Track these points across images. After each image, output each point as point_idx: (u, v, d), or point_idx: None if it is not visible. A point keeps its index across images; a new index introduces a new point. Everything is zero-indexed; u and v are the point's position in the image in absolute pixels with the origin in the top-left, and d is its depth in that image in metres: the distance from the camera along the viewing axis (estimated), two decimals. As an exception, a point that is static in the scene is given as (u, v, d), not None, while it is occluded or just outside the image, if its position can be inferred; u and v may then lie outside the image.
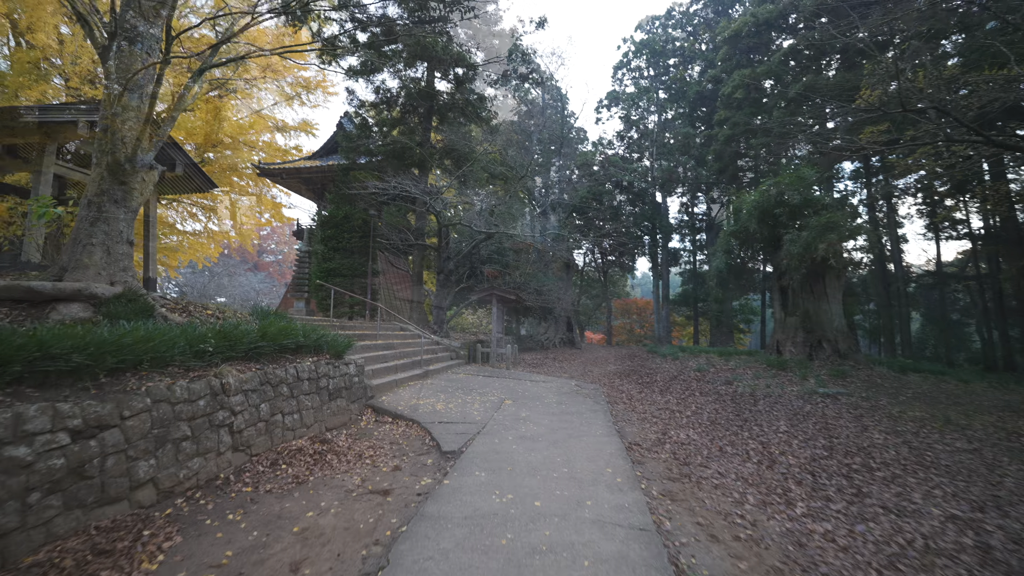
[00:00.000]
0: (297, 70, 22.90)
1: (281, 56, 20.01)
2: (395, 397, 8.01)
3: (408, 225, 14.98)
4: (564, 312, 27.27)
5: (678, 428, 7.46)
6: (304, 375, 5.87)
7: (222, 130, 19.22)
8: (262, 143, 22.88)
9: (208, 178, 9.39)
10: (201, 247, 23.01)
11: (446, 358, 13.19)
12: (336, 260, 14.97)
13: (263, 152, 23.13)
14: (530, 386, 10.68)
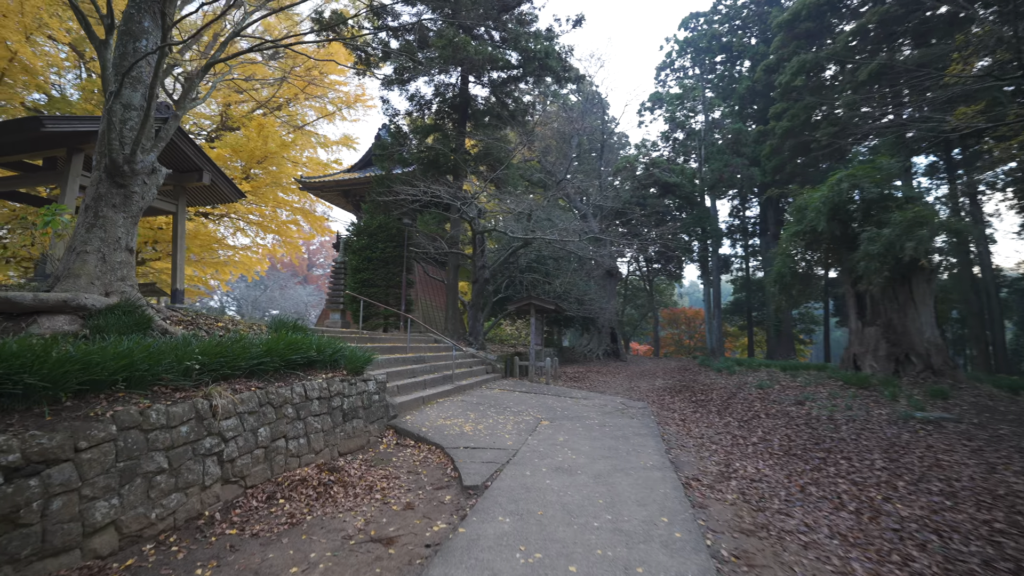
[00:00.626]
0: (337, 85, 23.35)
1: (290, 48, 20.29)
2: (421, 416, 7.34)
3: (443, 233, 14.52)
4: (608, 322, 26.04)
5: (744, 458, 6.33)
6: (314, 394, 5.29)
7: (266, 147, 19.66)
8: (305, 158, 23.42)
9: (235, 187, 9.23)
10: (251, 261, 23.67)
11: (481, 372, 12.48)
12: (369, 271, 14.69)
13: (306, 167, 23.66)
14: (570, 404, 9.74)
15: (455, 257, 15.31)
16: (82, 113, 17.54)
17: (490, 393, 10.23)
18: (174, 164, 8.48)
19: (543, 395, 10.70)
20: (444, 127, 15.68)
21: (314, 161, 24.33)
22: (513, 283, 21.11)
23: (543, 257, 20.66)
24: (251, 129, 19.04)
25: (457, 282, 15.42)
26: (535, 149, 28.08)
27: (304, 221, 23.92)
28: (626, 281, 44.57)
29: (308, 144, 24.73)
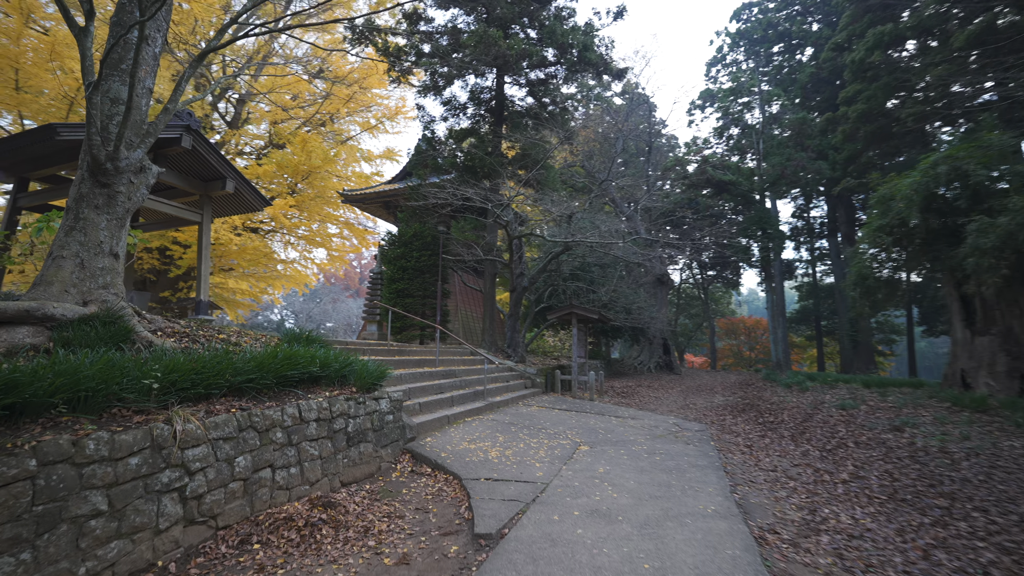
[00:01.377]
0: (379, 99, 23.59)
1: (292, 36, 20.41)
2: (443, 438, 6.56)
3: (479, 241, 13.90)
4: (659, 333, 24.42)
5: (834, 501, 5.04)
6: (310, 415, 4.63)
7: (310, 162, 20.02)
8: (349, 172, 23.78)
9: (261, 195, 9.00)
10: (301, 275, 24.21)
11: (518, 387, 11.60)
12: (405, 280, 14.28)
13: (351, 181, 24.02)
14: (615, 424, 8.63)
15: (492, 265, 14.62)
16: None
17: (526, 411, 9.31)
18: (199, 173, 8.35)
19: (585, 413, 9.65)
20: (479, 131, 15.15)
21: (358, 175, 24.67)
22: (556, 292, 20.14)
23: (587, 264, 19.58)
24: (296, 145, 19.45)
25: (494, 291, 14.71)
26: (577, 153, 27.16)
27: (349, 234, 24.26)
28: (678, 289, 42.28)
29: (352, 158, 25.14)
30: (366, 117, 24.53)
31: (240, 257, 20.59)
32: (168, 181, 8.04)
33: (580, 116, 34.45)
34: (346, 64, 21.51)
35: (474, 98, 15.21)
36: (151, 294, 22.03)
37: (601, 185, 14.86)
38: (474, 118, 15.14)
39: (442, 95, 15.54)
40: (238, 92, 21.56)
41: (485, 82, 15.68)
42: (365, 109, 23.06)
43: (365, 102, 22.30)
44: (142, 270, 20.70)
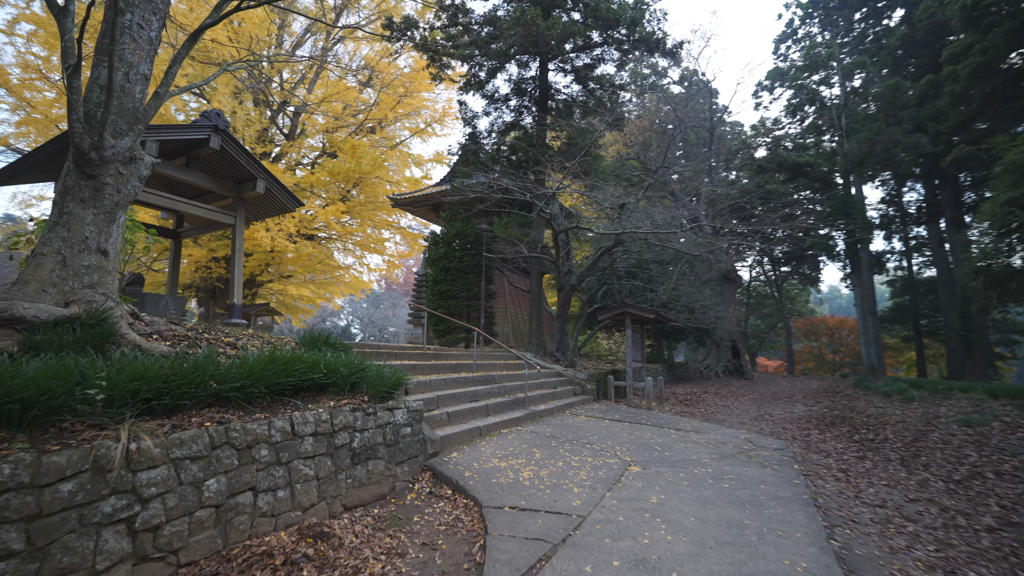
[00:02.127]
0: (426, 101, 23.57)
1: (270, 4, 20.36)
2: (471, 454, 5.80)
3: (522, 238, 13.14)
4: (727, 334, 22.39)
5: (981, 559, 3.71)
6: (305, 429, 4.04)
7: (360, 168, 20.26)
8: (398, 178, 23.97)
9: (292, 195, 8.78)
10: (358, 281, 24.72)
11: (566, 394, 10.65)
12: (448, 282, 13.80)
13: (403, 185, 24.21)
14: (674, 439, 7.47)
15: (538, 263, 13.77)
16: None
17: (571, 422, 8.36)
18: (231, 175, 8.25)
19: (640, 425, 8.53)
20: (522, 123, 14.40)
21: (408, 179, 24.83)
22: (611, 292, 18.91)
23: (644, 262, 18.20)
24: (346, 152, 19.75)
25: (541, 291, 13.84)
26: (631, 144, 25.68)
27: (400, 238, 24.43)
28: (748, 287, 39.09)
29: (403, 163, 25.37)
30: (415, 122, 24.64)
31: (296, 264, 21.19)
32: (203, 184, 7.98)
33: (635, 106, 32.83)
34: (394, 71, 21.68)
35: (517, 89, 14.49)
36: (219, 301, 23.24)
37: (657, 173, 13.57)
38: (517, 111, 14.42)
39: (484, 90, 14.97)
40: (294, 105, 22.34)
41: (528, 72, 14.92)
42: (414, 114, 23.14)
43: (413, 106, 22.34)
44: (211, 279, 21.91)
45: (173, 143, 7.21)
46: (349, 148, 19.47)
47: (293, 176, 21.09)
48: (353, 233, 24.01)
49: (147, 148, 6.71)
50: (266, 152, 21.32)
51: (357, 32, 24.94)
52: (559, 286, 12.91)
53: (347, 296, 34.20)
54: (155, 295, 7.58)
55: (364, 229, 23.38)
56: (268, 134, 21.76)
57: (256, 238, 17.23)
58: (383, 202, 23.25)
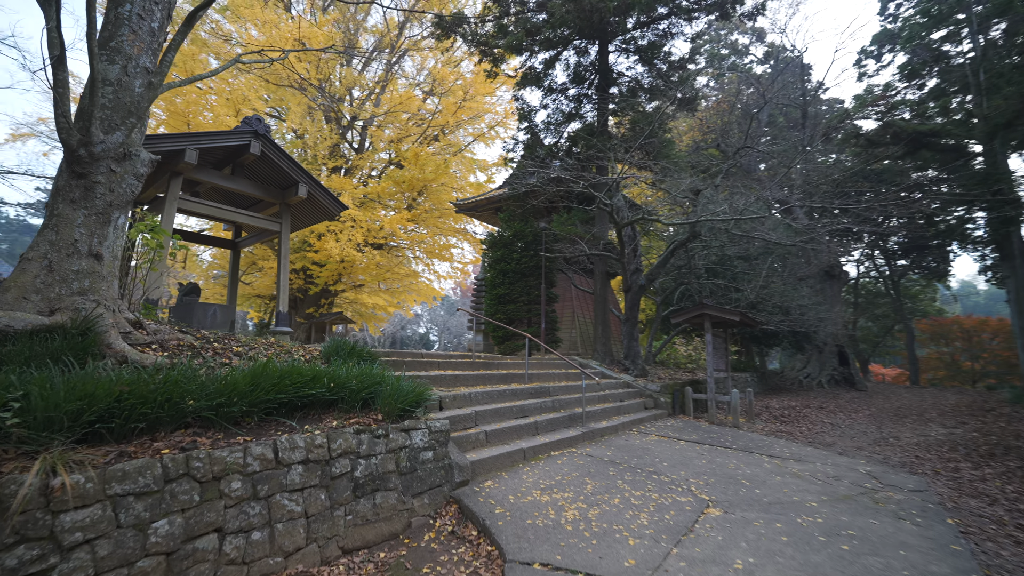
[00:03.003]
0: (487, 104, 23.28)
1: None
2: (510, 482, 4.91)
3: (584, 235, 12.05)
4: (831, 338, 19.43)
5: None
6: (294, 456, 3.40)
7: (424, 175, 20.39)
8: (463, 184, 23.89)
9: (336, 199, 8.53)
10: (428, 288, 25.01)
11: (634, 408, 9.37)
12: (505, 285, 13.05)
13: (468, 190, 24.11)
14: (768, 470, 6.00)
15: (602, 262, 12.56)
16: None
17: (638, 442, 7.14)
18: (276, 181, 8.16)
19: (723, 449, 7.09)
20: (582, 112, 13.35)
21: (472, 185, 24.70)
22: (688, 293, 17.09)
23: (727, 258, 16.21)
24: (409, 160, 19.94)
25: (607, 293, 12.61)
26: (707, 130, 23.45)
27: (469, 245, 24.29)
28: (855, 284, 34.30)
29: (468, 169, 25.31)
30: (478, 128, 24.48)
31: (366, 273, 21.71)
32: (250, 192, 7.95)
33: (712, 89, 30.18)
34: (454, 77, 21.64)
35: (575, 77, 13.46)
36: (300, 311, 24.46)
37: (738, 154, 11.81)
38: (576, 100, 13.39)
39: (540, 83, 14.12)
40: (363, 120, 23.11)
41: (587, 58, 13.84)
42: (476, 118, 22.96)
43: (474, 110, 22.14)
44: (292, 290, 23.15)
45: (214, 151, 7.20)
46: (412, 156, 19.62)
47: (363, 188, 21.76)
48: (422, 240, 24.28)
49: (187, 156, 6.69)
50: (338, 166, 22.21)
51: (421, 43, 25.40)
52: (626, 287, 11.62)
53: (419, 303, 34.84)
54: (205, 304, 7.63)
55: (431, 236, 23.55)
56: (339, 149, 22.68)
57: (326, 248, 17.81)
58: (448, 209, 23.26)
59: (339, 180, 19.39)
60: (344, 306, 26.95)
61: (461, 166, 25.93)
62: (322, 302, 23.01)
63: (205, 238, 9.35)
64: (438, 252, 24.71)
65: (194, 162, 6.68)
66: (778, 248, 15.66)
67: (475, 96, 21.81)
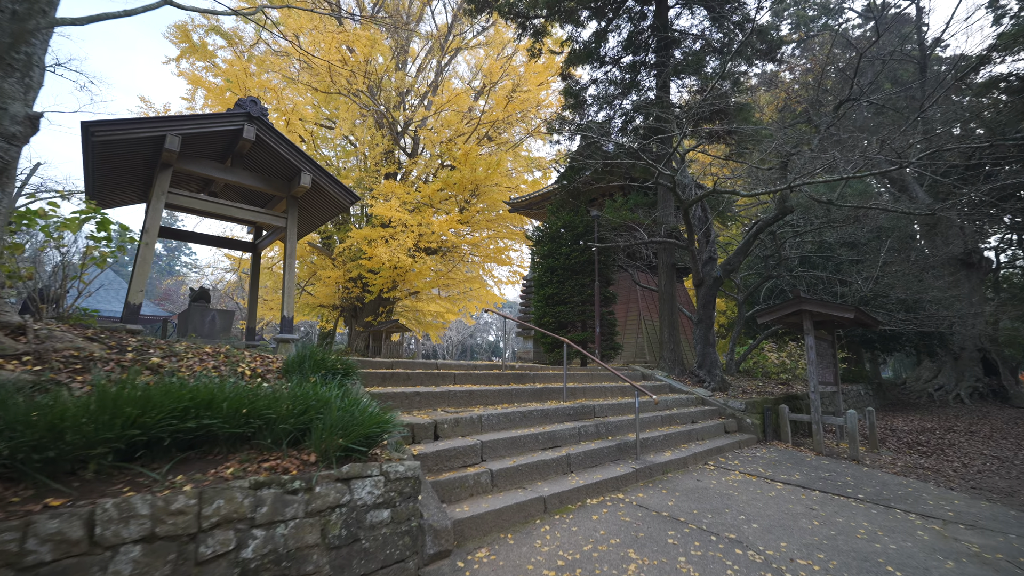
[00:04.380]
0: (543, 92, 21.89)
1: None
2: (514, 554, 3.36)
3: (643, 220, 10.14)
4: (971, 341, 15.58)
5: None
6: (128, 531, 2.14)
7: (474, 175, 19.48)
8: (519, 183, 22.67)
9: (345, 188, 7.52)
10: (489, 294, 24.08)
11: (710, 432, 7.36)
12: (554, 284, 11.44)
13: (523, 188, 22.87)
14: (925, 545, 3.86)
15: (666, 253, 10.53)
16: (336, 170, 20.83)
17: (714, 485, 5.24)
18: (280, 172, 7.31)
19: (842, 500, 4.97)
20: (638, 81, 11.48)
21: (528, 183, 23.40)
22: (778, 288, 14.39)
23: (826, 245, 13.40)
24: (459, 159, 19.10)
25: (673, 288, 10.55)
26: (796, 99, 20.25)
27: (525, 247, 22.97)
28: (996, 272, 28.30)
29: (524, 167, 24.09)
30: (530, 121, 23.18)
31: (418, 279, 21.10)
32: (251, 185, 7.16)
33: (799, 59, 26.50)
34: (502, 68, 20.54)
35: (629, 44, 11.64)
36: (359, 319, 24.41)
37: (841, 109, 9.31)
38: (631, 69, 11.56)
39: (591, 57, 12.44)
40: (415, 123, 22.71)
41: (644, 22, 11.97)
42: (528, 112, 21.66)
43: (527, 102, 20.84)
44: (350, 298, 23.16)
45: (205, 139, 6.44)
46: (463, 156, 18.74)
47: (415, 192, 21.29)
48: (477, 244, 23.38)
49: (168, 143, 5.95)
50: (392, 172, 21.95)
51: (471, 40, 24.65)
52: (697, 281, 9.55)
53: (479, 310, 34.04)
54: (204, 309, 6.92)
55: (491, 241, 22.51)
56: (394, 155, 22.44)
57: (377, 253, 17.33)
58: (503, 210, 22.12)
59: (389, 185, 18.98)
60: (404, 314, 26.68)
61: (516, 164, 24.72)
62: (380, 310, 22.75)
63: (222, 240, 8.82)
64: (494, 255, 23.62)
65: (175, 149, 5.93)
66: (895, 230, 12.61)
67: (527, 88, 20.52)
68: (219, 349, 4.33)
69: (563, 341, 6.69)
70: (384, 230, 18.49)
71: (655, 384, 8.81)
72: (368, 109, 20.28)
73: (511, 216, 22.14)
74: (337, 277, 21.55)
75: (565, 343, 6.61)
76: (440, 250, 22.11)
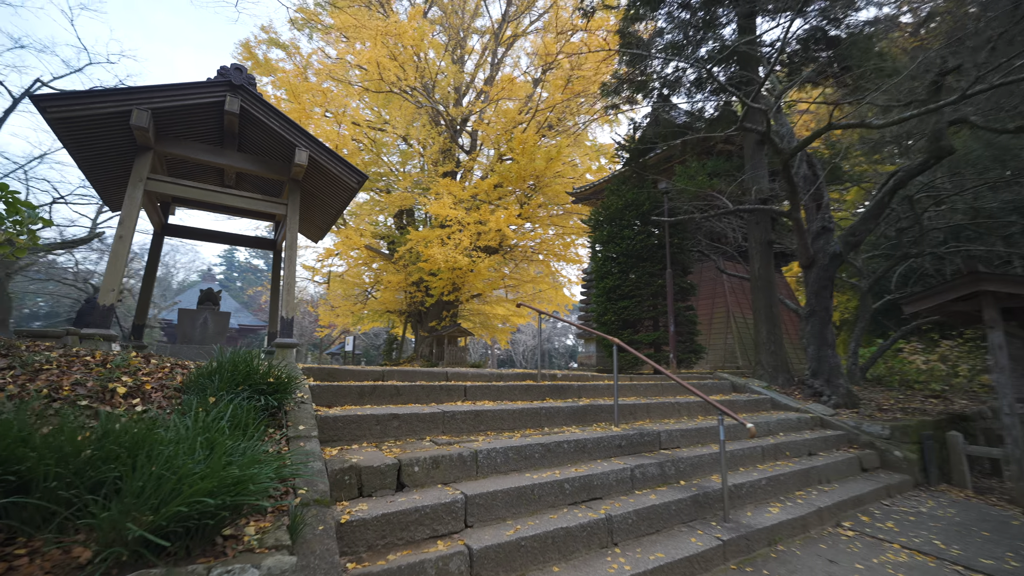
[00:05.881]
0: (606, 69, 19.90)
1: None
2: None
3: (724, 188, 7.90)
4: None
5: None
6: None
7: (532, 165, 18.09)
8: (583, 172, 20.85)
9: (349, 165, 6.38)
10: (559, 295, 22.53)
11: (837, 470, 5.11)
12: (616, 275, 9.50)
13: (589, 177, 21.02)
14: None
15: (759, 226, 8.08)
16: (403, 192, 20.40)
17: (844, 570, 3.18)
18: (278, 152, 6.35)
19: None
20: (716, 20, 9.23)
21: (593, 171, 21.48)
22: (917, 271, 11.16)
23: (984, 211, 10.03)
24: (515, 150, 17.80)
25: (770, 274, 8.11)
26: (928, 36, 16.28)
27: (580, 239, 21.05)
28: None
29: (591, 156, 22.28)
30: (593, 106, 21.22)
31: (477, 280, 20.02)
32: (250, 169, 6.29)
33: None
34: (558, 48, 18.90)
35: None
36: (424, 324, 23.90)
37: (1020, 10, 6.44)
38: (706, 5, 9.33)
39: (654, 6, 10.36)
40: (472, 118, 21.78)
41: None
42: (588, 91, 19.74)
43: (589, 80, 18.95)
44: (414, 303, 22.72)
45: (180, 114, 5.60)
46: (518, 145, 17.40)
47: (471, 188, 20.38)
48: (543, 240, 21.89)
49: (135, 119, 5.15)
50: (449, 171, 21.15)
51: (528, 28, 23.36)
52: (806, 260, 7.15)
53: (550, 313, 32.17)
54: (193, 312, 6.11)
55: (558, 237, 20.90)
56: (452, 153, 21.69)
57: (431, 254, 16.49)
58: (566, 202, 20.43)
59: (444, 183, 18.13)
60: (469, 318, 25.84)
61: (580, 153, 22.91)
62: (443, 315, 22.01)
63: (241, 238, 8.18)
64: (561, 253, 21.95)
65: (144, 125, 5.12)
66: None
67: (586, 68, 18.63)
68: (108, 357, 3.23)
69: (613, 343, 4.91)
70: (441, 230, 17.66)
71: (751, 398, 6.62)
72: (422, 107, 19.66)
73: (577, 210, 20.28)
74: (399, 281, 21.12)
75: (615, 345, 4.82)
76: (501, 249, 20.90)
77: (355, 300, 24.00)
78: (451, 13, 21.87)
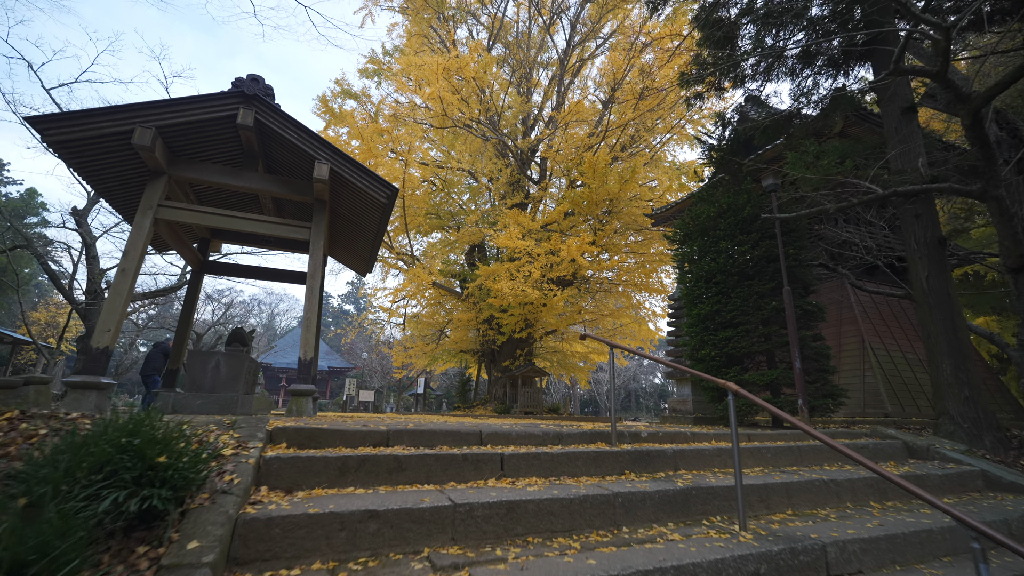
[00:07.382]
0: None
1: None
2: None
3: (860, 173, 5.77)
4: None
5: None
6: None
7: (604, 189, 16.78)
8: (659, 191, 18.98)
9: (376, 177, 5.40)
10: (643, 329, 20.46)
11: None
12: (712, 298, 7.51)
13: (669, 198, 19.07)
14: None
15: (921, 223, 5.76)
16: (472, 227, 19.98)
17: None
18: (298, 169, 5.60)
19: None
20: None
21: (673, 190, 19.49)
22: None
23: None
24: (585, 174, 16.58)
25: (947, 285, 5.67)
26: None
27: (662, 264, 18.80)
28: None
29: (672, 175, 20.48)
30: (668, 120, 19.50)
31: (550, 315, 18.54)
32: (264, 188, 5.57)
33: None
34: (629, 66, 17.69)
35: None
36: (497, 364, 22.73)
37: None
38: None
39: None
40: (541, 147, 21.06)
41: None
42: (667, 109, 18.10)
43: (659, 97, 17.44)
44: (487, 341, 21.67)
45: (190, 132, 5.04)
46: (588, 169, 16.14)
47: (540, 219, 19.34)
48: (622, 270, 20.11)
49: (137, 138, 4.61)
50: (519, 203, 20.34)
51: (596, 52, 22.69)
52: (1015, 261, 4.76)
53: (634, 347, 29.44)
54: (205, 355, 5.33)
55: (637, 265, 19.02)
56: (520, 184, 20.98)
57: (499, 288, 15.45)
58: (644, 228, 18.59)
59: (512, 215, 17.26)
60: (545, 356, 24.20)
61: (658, 174, 21.13)
62: (517, 353, 20.65)
63: (278, 273, 7.56)
64: (639, 283, 19.89)
65: (147, 143, 4.57)
66: None
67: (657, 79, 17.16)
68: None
69: (728, 389, 3.17)
70: (510, 264, 16.65)
71: (945, 470, 4.32)
72: (488, 139, 19.26)
73: (659, 238, 18.24)
74: (469, 319, 20.27)
75: (730, 392, 3.09)
76: (576, 281, 19.35)
77: (428, 340, 23.48)
78: (515, 48, 21.67)
